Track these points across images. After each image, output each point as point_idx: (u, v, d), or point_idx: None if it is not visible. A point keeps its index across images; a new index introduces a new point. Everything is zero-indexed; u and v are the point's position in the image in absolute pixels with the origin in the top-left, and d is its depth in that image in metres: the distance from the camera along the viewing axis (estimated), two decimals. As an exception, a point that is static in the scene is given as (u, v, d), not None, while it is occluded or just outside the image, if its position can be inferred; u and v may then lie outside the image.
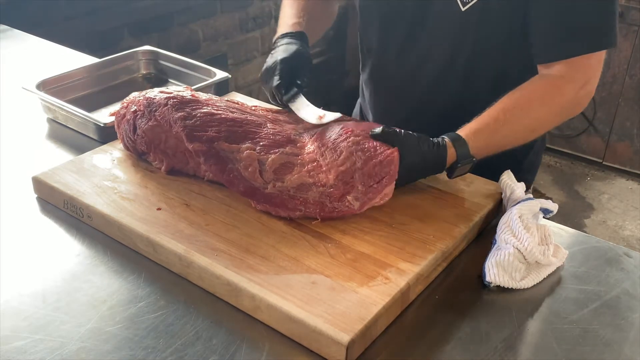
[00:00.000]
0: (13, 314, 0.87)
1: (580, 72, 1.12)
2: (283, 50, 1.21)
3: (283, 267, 0.91)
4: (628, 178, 3.39)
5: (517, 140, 1.14)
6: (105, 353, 0.81)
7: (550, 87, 1.12)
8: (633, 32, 3.12)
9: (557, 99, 1.12)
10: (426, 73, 1.27)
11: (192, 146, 1.05)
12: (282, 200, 1.00)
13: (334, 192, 1.00)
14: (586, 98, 1.15)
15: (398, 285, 0.88)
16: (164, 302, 0.90)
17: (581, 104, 1.16)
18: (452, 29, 1.19)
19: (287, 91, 1.17)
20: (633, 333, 0.88)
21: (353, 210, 1.00)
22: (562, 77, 1.12)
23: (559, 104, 1.13)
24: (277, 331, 0.85)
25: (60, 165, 1.13)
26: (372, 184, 1.00)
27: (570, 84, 1.12)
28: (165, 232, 0.97)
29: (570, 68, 1.12)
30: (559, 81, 1.12)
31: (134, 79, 1.57)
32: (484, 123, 1.09)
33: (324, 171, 1.02)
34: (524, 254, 0.95)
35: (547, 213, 1.03)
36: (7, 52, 1.72)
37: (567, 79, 1.12)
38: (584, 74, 1.12)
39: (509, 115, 1.09)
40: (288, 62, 1.19)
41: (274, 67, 1.19)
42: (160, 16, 2.51)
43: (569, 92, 1.12)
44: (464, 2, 1.15)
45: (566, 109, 1.15)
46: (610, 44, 1.11)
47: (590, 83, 1.13)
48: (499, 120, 1.09)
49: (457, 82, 1.24)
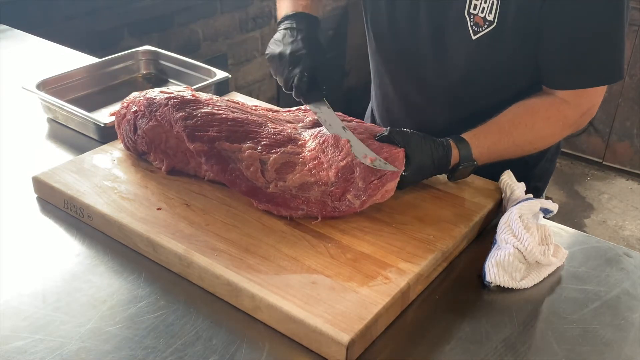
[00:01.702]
0: (13, 314, 0.87)
1: (585, 100, 1.15)
2: (306, 41, 1.14)
3: (283, 267, 0.91)
4: (628, 178, 3.39)
5: (517, 153, 1.15)
6: (105, 353, 0.81)
7: (555, 110, 1.14)
8: (633, 32, 3.12)
9: (560, 122, 1.15)
10: (439, 96, 1.27)
11: (193, 146, 1.05)
12: (284, 200, 1.00)
13: (334, 190, 1.00)
14: (587, 119, 1.18)
15: (398, 285, 0.88)
16: (164, 302, 0.90)
17: (582, 125, 1.19)
18: (463, 56, 1.19)
19: (309, 92, 1.12)
20: (633, 333, 0.88)
21: (354, 209, 1.00)
22: (568, 103, 1.14)
23: (561, 126, 1.15)
24: (277, 331, 0.85)
25: (60, 165, 1.13)
26: (373, 180, 1.00)
27: (575, 109, 1.14)
28: (165, 232, 0.97)
29: (576, 96, 1.14)
30: (564, 105, 1.14)
31: (134, 79, 1.57)
32: (489, 131, 1.11)
33: (325, 168, 1.02)
34: (524, 254, 0.95)
35: (547, 213, 1.03)
36: (7, 52, 1.72)
37: (572, 105, 1.14)
38: (589, 101, 1.15)
39: (513, 128, 1.11)
40: (313, 59, 1.12)
41: (295, 60, 1.12)
42: (160, 16, 2.51)
43: (572, 116, 1.15)
44: (475, 31, 1.15)
45: (567, 130, 1.17)
46: (617, 78, 1.14)
47: (594, 109, 1.16)
48: (504, 131, 1.11)
49: (469, 104, 1.24)
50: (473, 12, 1.14)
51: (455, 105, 1.26)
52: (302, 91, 1.11)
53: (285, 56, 1.13)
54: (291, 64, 1.12)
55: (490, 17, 1.12)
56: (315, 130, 1.11)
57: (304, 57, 1.12)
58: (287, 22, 1.18)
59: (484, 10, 1.13)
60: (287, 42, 1.14)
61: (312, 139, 1.08)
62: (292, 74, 1.11)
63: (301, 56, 1.12)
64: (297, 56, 1.12)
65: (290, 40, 1.14)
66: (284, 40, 1.15)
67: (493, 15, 1.12)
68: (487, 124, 1.12)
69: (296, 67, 1.11)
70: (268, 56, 1.17)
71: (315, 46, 1.14)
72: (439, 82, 1.25)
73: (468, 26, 1.15)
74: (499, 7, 1.11)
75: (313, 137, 1.09)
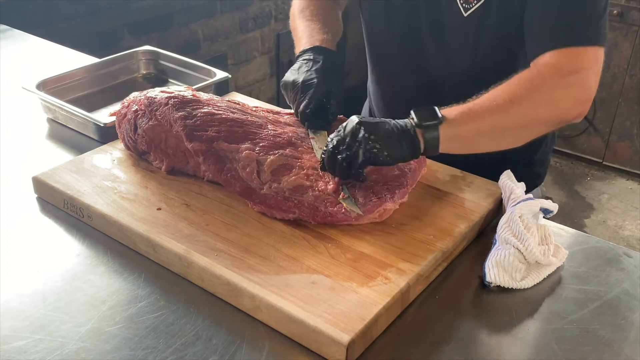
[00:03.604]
0: (13, 314, 0.87)
1: (567, 62, 1.06)
2: (320, 72, 1.18)
3: (283, 267, 0.91)
4: (628, 178, 3.39)
5: (504, 135, 1.07)
6: (105, 353, 0.81)
7: (536, 74, 1.07)
8: (633, 32, 3.12)
9: (541, 88, 1.05)
10: (433, 77, 1.28)
11: (192, 145, 1.05)
12: (277, 202, 1.00)
13: (331, 197, 1.00)
14: (582, 93, 1.06)
15: (398, 285, 0.88)
16: (164, 302, 0.90)
17: (576, 101, 1.07)
18: (456, 33, 1.20)
19: (313, 119, 1.15)
20: (633, 333, 0.88)
21: (349, 219, 0.99)
22: (546, 65, 1.07)
23: (545, 93, 1.05)
24: (277, 331, 0.85)
25: (60, 165, 1.13)
26: (372, 198, 1.00)
27: (555, 71, 1.06)
28: (165, 232, 0.97)
29: (555, 58, 1.07)
30: (543, 68, 1.07)
31: (134, 79, 1.57)
32: (467, 107, 1.04)
33: (326, 182, 1.02)
34: (524, 254, 0.95)
35: (547, 213, 1.03)
36: (7, 52, 1.72)
37: (551, 67, 1.06)
38: (572, 64, 1.06)
39: (494, 104, 1.03)
40: (323, 88, 1.16)
41: (305, 88, 1.16)
42: (160, 16, 2.51)
43: (552, 78, 1.05)
44: (466, 7, 1.17)
45: (553, 98, 1.05)
46: (596, 42, 1.07)
47: (583, 75, 1.06)
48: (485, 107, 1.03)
49: (464, 85, 1.24)
50: None
51: (456, 92, 1.23)
52: (307, 117, 1.15)
53: (297, 84, 1.17)
54: (302, 91, 1.16)
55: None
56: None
57: (315, 86, 1.16)
58: (306, 54, 1.22)
59: None
60: (302, 71, 1.19)
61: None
62: (300, 100, 1.16)
63: (312, 85, 1.16)
64: (308, 85, 1.16)
65: (305, 70, 1.19)
66: (299, 70, 1.20)
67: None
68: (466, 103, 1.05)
69: (306, 94, 1.16)
70: (282, 84, 1.21)
71: (327, 77, 1.18)
72: (437, 64, 1.26)
73: (458, 3, 1.17)
74: None
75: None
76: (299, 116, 1.17)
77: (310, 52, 1.22)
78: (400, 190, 1.02)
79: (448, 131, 1.00)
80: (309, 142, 1.12)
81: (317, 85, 1.16)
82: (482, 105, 1.03)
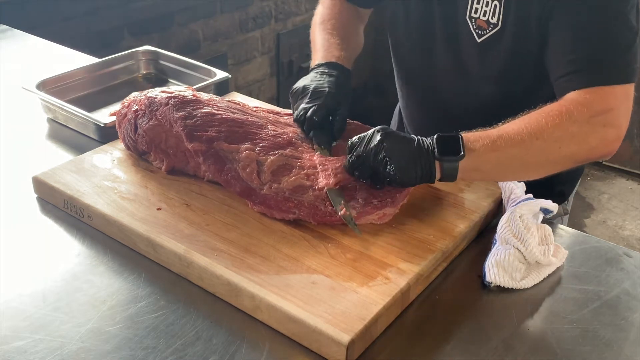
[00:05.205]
0: (13, 314, 0.87)
1: (596, 102, 1.02)
2: (333, 83, 1.16)
3: (283, 267, 0.91)
4: (628, 178, 3.39)
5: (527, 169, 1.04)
6: (105, 353, 0.81)
7: (564, 111, 1.02)
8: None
9: (565, 123, 1.01)
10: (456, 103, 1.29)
11: (192, 146, 1.05)
12: (277, 202, 1.00)
13: None
14: (607, 128, 1.03)
15: (398, 285, 0.88)
16: (164, 302, 0.90)
17: (604, 140, 1.04)
18: (473, 60, 1.21)
19: (319, 127, 1.13)
20: (633, 333, 0.88)
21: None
22: (574, 102, 1.03)
23: (569, 129, 1.01)
24: (277, 331, 0.85)
25: (60, 165, 1.13)
26: (372, 200, 1.00)
27: (584, 110, 1.01)
28: (165, 232, 0.97)
29: (583, 96, 1.03)
30: (571, 105, 1.02)
31: (134, 79, 1.57)
32: (490, 138, 1.01)
33: (327, 175, 1.02)
34: (524, 254, 0.95)
35: (547, 213, 1.03)
36: (7, 52, 1.72)
37: (580, 105, 1.02)
38: (601, 104, 1.02)
39: (518, 139, 0.99)
40: (334, 99, 1.14)
41: (316, 94, 1.14)
42: (160, 16, 2.51)
43: (580, 116, 1.01)
44: (479, 34, 1.17)
45: (579, 138, 1.02)
46: (626, 79, 1.04)
47: (613, 115, 1.03)
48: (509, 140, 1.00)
49: (487, 108, 1.23)
50: (474, 16, 1.16)
51: (480, 118, 1.15)
52: (313, 124, 1.12)
53: (308, 89, 1.16)
54: (311, 96, 1.14)
55: (494, 20, 1.15)
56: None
57: (326, 95, 1.14)
58: (320, 68, 1.21)
59: (487, 14, 1.15)
60: (314, 79, 1.17)
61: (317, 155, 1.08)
62: (308, 105, 1.13)
63: (323, 93, 1.14)
64: (319, 91, 1.14)
65: (318, 79, 1.17)
66: (312, 79, 1.18)
67: (497, 17, 1.14)
68: (490, 130, 1.03)
69: (315, 101, 1.13)
70: (292, 90, 1.19)
71: (339, 90, 1.16)
72: (453, 87, 1.27)
73: (471, 29, 1.17)
74: (502, 10, 1.13)
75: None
76: (305, 122, 1.12)
77: (325, 67, 1.21)
78: (400, 194, 1.01)
79: (469, 162, 0.97)
80: (309, 142, 1.12)
81: (328, 94, 1.14)
82: (506, 138, 0.99)
